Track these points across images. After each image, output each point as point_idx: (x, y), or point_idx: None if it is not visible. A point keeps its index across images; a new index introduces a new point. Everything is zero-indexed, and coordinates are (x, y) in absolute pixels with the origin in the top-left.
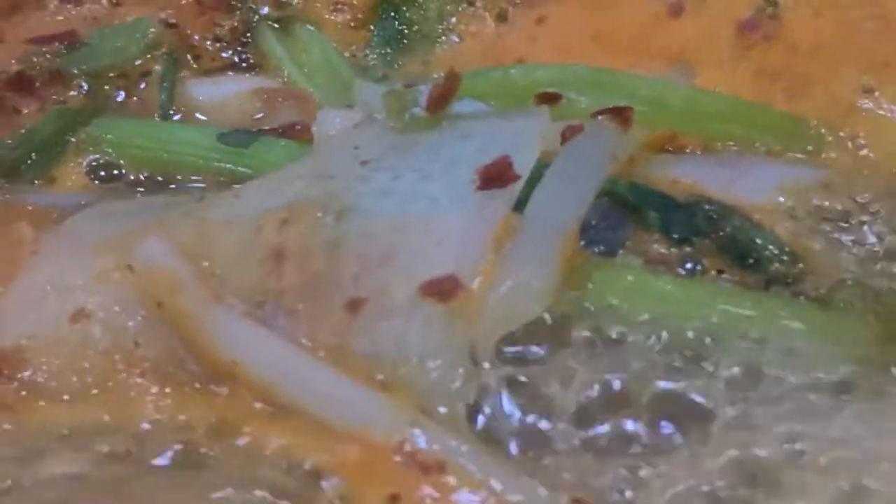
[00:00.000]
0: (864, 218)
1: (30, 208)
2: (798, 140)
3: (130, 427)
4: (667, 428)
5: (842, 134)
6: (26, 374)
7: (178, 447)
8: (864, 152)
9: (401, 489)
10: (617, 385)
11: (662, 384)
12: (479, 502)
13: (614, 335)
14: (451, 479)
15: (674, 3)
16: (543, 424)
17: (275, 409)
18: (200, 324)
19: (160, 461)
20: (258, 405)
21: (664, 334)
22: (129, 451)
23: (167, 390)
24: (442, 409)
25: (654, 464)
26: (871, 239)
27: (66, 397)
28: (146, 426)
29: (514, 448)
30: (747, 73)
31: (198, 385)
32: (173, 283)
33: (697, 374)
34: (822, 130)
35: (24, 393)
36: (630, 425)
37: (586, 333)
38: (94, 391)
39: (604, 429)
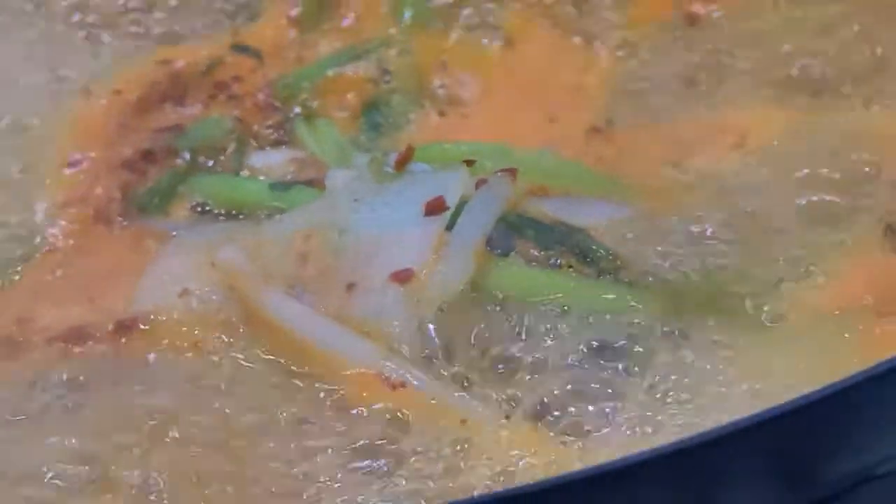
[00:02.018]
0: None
1: (154, 231)
2: (616, 189)
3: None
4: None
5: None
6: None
7: None
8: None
9: (378, 396)
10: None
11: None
12: (426, 401)
13: (499, 310)
14: (408, 390)
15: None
16: (461, 358)
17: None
18: (256, 299)
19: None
20: None
21: (533, 303)
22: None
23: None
24: (404, 350)
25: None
26: (668, 246)
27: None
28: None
29: (447, 376)
30: (590, 158)
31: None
32: (240, 275)
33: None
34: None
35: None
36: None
37: (489, 305)
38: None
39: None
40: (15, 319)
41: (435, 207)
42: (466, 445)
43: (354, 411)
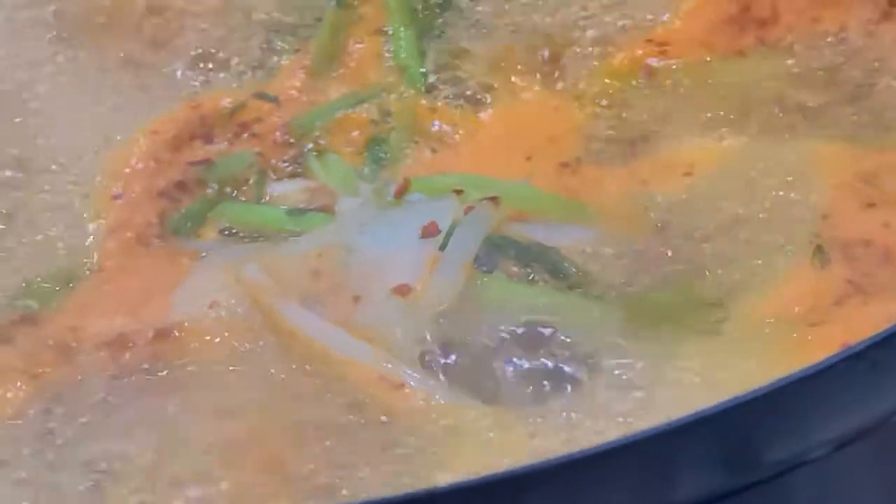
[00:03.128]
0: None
1: (187, 251)
2: (582, 215)
3: None
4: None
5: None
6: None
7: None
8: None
9: (380, 393)
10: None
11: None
12: (422, 399)
13: (484, 319)
14: (407, 390)
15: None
16: (454, 361)
17: None
18: (275, 310)
19: None
20: None
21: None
22: None
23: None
24: (403, 354)
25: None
26: (627, 263)
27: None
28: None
29: (441, 377)
30: (561, 189)
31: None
32: (261, 289)
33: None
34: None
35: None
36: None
37: (477, 314)
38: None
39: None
40: (70, 328)
41: (429, 231)
42: (457, 438)
43: (360, 408)
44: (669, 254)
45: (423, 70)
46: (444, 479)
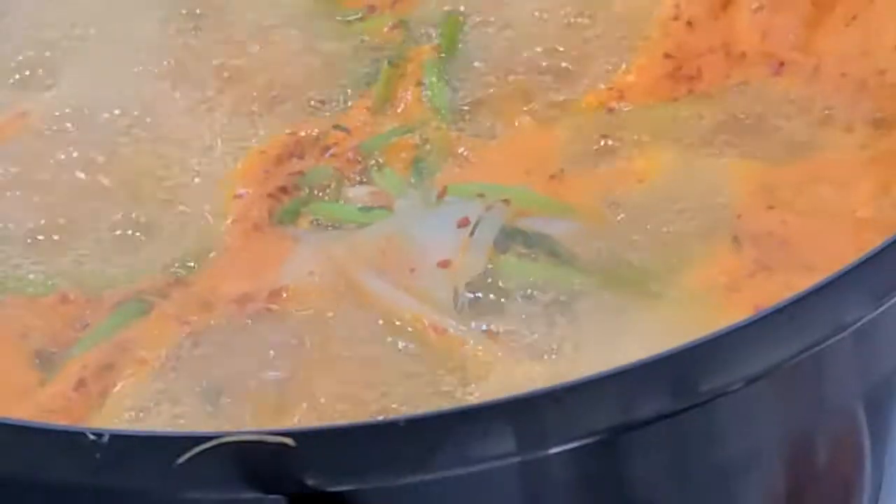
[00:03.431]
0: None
1: (289, 235)
2: (568, 212)
3: None
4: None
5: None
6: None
7: None
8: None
9: (427, 335)
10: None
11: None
12: (457, 340)
13: (502, 284)
14: (447, 334)
15: (527, 169)
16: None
17: None
18: (355, 278)
19: None
20: None
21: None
22: None
23: None
24: (446, 309)
25: None
26: (601, 247)
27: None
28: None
29: (472, 325)
30: (552, 193)
31: None
32: (344, 262)
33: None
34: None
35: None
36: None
37: (496, 282)
38: (312, 305)
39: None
40: (209, 288)
41: (462, 223)
42: (485, 366)
43: (412, 345)
44: (629, 240)
45: (450, 111)
46: (473, 396)
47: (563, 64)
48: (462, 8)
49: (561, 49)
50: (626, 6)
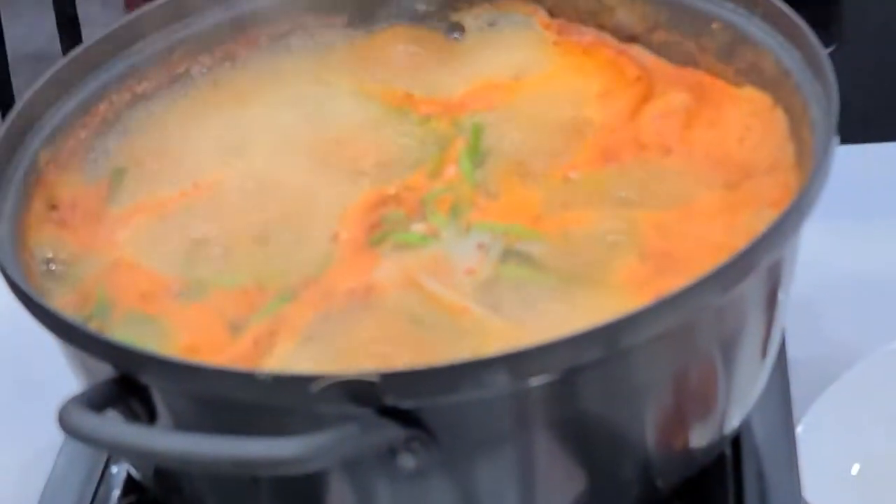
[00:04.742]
0: None
1: (378, 252)
2: (541, 238)
3: None
4: None
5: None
6: None
7: None
8: None
9: (459, 315)
10: None
11: None
12: (478, 317)
13: (503, 283)
14: (471, 313)
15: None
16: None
17: None
18: (419, 279)
19: None
20: None
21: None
22: None
23: None
24: (472, 297)
25: None
26: None
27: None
28: None
29: (490, 310)
30: (535, 226)
31: None
32: (412, 269)
33: None
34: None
35: None
36: None
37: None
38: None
39: None
40: (331, 284)
41: (481, 246)
42: (491, 336)
43: (448, 322)
44: (578, 255)
45: (473, 179)
46: (484, 350)
47: (540, 153)
48: (484, 119)
49: (541, 145)
50: (569, 121)
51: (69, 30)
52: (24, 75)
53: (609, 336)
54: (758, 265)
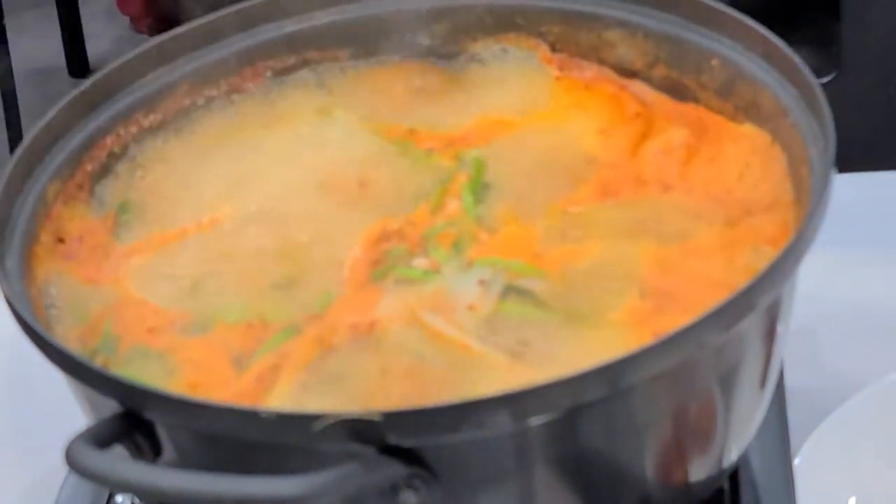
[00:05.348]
0: None
1: (381, 287)
2: (541, 275)
3: None
4: None
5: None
6: None
7: None
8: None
9: (461, 351)
10: None
11: None
12: (479, 354)
13: (503, 319)
14: (473, 350)
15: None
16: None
17: None
18: (422, 316)
19: None
20: None
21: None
22: None
23: None
24: (474, 332)
25: None
26: None
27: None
28: None
29: (490, 347)
30: (535, 263)
31: None
32: (415, 305)
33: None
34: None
35: None
36: None
37: (497, 316)
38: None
39: None
40: (334, 319)
41: (482, 282)
42: (492, 372)
43: (452, 357)
44: (578, 293)
45: (475, 215)
46: (484, 388)
47: (541, 189)
48: (486, 154)
49: (542, 181)
50: (570, 157)
51: (74, 45)
52: (29, 89)
53: (611, 376)
54: (757, 304)
